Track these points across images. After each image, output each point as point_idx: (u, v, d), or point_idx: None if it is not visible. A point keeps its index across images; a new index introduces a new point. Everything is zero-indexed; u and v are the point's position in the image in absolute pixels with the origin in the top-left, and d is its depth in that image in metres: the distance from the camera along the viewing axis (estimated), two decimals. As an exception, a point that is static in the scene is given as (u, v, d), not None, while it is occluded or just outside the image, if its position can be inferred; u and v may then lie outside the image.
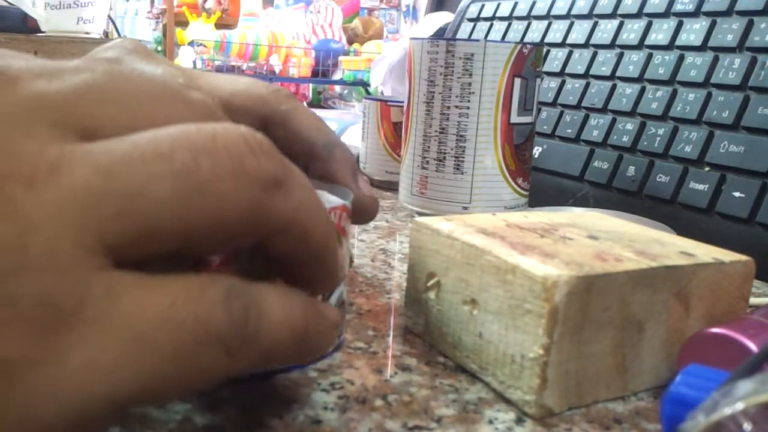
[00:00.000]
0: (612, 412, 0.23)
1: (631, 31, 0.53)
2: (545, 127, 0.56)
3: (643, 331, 0.24)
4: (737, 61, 0.44)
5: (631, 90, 0.50)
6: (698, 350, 0.23)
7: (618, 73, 0.52)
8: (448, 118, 0.43)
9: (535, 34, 0.62)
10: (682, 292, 0.24)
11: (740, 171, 0.41)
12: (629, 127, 0.49)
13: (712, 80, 0.45)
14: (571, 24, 0.59)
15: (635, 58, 0.51)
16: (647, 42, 0.51)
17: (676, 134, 0.46)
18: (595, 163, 0.50)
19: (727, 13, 0.47)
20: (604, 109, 0.52)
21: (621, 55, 0.53)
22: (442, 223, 0.27)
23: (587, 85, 0.54)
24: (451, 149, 0.44)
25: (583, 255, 0.24)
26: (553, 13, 0.61)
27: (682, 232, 0.33)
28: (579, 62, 0.56)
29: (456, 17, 0.76)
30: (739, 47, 0.45)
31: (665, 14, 0.51)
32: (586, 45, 0.56)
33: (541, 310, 0.21)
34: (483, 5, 0.71)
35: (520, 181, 0.45)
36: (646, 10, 0.52)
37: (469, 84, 0.43)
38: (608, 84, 0.53)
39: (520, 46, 0.43)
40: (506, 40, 0.66)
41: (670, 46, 0.49)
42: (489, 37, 0.69)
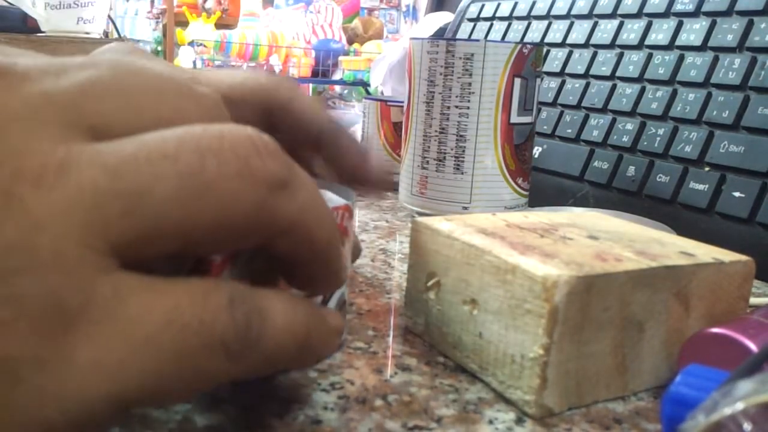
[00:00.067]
0: (612, 412, 0.23)
1: (631, 31, 0.53)
2: (545, 127, 0.56)
3: (643, 331, 0.24)
4: (737, 61, 0.44)
5: (631, 90, 0.50)
6: (698, 350, 0.23)
7: (618, 73, 0.52)
8: (448, 118, 0.43)
9: (535, 34, 0.62)
10: (682, 292, 0.24)
11: (740, 171, 0.41)
12: (629, 127, 0.49)
13: (712, 80, 0.45)
14: (571, 24, 0.59)
15: (635, 58, 0.51)
16: (647, 42, 0.51)
17: (676, 134, 0.46)
18: (595, 163, 0.50)
19: (727, 13, 0.47)
20: (604, 109, 0.52)
21: (621, 55, 0.53)
22: (442, 223, 0.27)
23: (587, 85, 0.54)
24: (451, 149, 0.44)
25: (583, 255, 0.24)
26: (553, 13, 0.61)
27: (682, 232, 0.33)
28: (579, 62, 0.56)
29: (456, 17, 0.76)
30: (739, 47, 0.45)
31: (665, 14, 0.51)
32: (586, 45, 0.56)
33: (541, 310, 0.21)
34: (483, 5, 0.71)
35: (520, 181, 0.45)
36: (646, 10, 0.52)
37: (469, 84, 0.43)
38: (608, 84, 0.53)
39: (520, 46, 0.43)
40: (506, 40, 0.66)
41: (670, 46, 0.49)
42: (489, 37, 0.68)
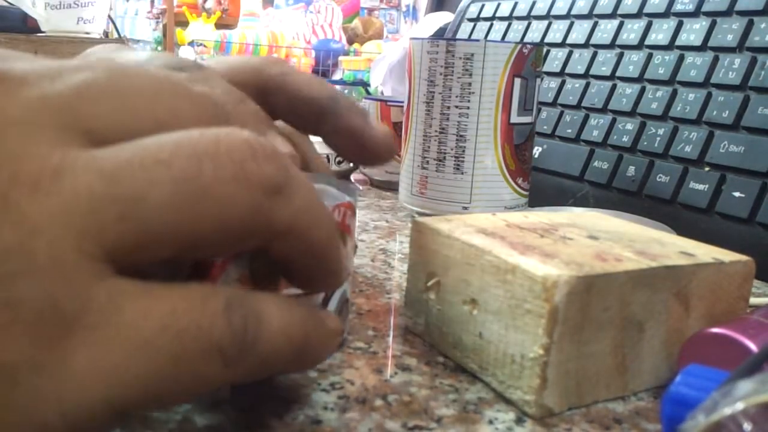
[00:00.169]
0: (612, 412, 0.23)
1: (631, 31, 0.53)
2: (545, 127, 0.56)
3: (643, 331, 0.24)
4: (737, 61, 0.44)
5: (631, 90, 0.50)
6: (698, 350, 0.23)
7: (618, 73, 0.52)
8: (448, 118, 0.43)
9: (535, 34, 0.62)
10: (682, 292, 0.24)
11: (740, 171, 0.41)
12: (629, 127, 0.49)
13: (712, 80, 0.45)
14: (571, 24, 0.59)
15: (635, 58, 0.51)
16: (647, 42, 0.51)
17: (676, 134, 0.46)
18: (595, 163, 0.50)
19: (727, 13, 0.47)
20: (604, 109, 0.52)
21: (621, 55, 0.53)
22: (442, 223, 0.27)
23: (587, 85, 0.54)
24: (451, 149, 0.44)
25: (583, 255, 0.24)
26: (553, 13, 0.61)
27: (682, 232, 0.33)
28: (579, 62, 0.56)
29: (456, 17, 0.76)
30: (739, 47, 0.45)
31: (665, 14, 0.51)
32: (586, 45, 0.56)
33: (541, 310, 0.21)
34: (483, 5, 0.71)
35: (520, 181, 0.45)
36: (646, 10, 0.52)
37: (469, 84, 0.43)
38: (608, 84, 0.53)
39: (520, 46, 0.43)
40: (506, 40, 0.66)
41: (670, 46, 0.49)
42: (489, 37, 0.68)
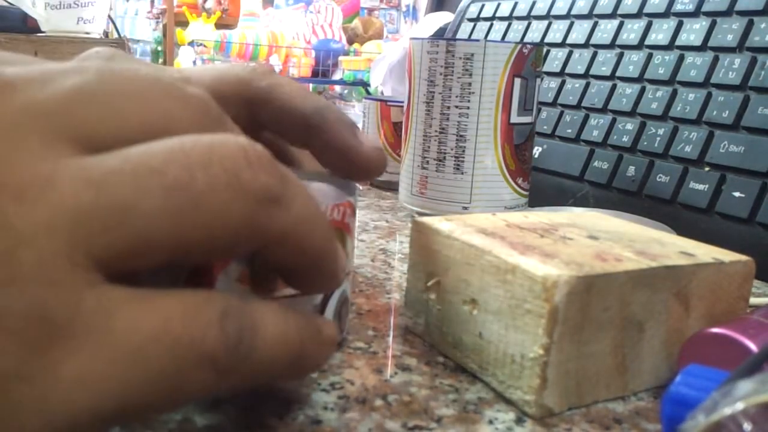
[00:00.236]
0: (612, 412, 0.23)
1: (631, 31, 0.53)
2: (545, 127, 0.56)
3: (643, 331, 0.24)
4: (737, 61, 0.44)
5: (631, 90, 0.50)
6: (698, 350, 0.23)
7: (618, 73, 0.52)
8: (448, 118, 0.43)
9: (535, 34, 0.62)
10: (682, 292, 0.24)
11: (740, 171, 0.41)
12: (629, 127, 0.49)
13: (712, 80, 0.45)
14: (571, 24, 0.59)
15: (635, 58, 0.51)
16: (647, 42, 0.51)
17: (676, 134, 0.46)
18: (595, 163, 0.50)
19: (727, 13, 0.47)
20: (604, 109, 0.52)
21: (621, 55, 0.53)
22: (442, 223, 0.27)
23: (587, 85, 0.54)
24: (451, 149, 0.44)
25: (583, 255, 0.24)
26: (553, 13, 0.61)
27: (682, 232, 0.33)
28: (579, 62, 0.56)
29: (456, 17, 0.76)
30: (739, 47, 0.45)
31: (665, 14, 0.51)
32: (586, 45, 0.56)
33: (541, 310, 0.21)
34: (483, 5, 0.71)
35: (520, 181, 0.45)
36: (646, 10, 0.52)
37: (469, 84, 0.43)
38: (608, 84, 0.53)
39: (520, 46, 0.43)
40: (506, 40, 0.66)
41: (670, 46, 0.49)
42: (489, 37, 0.68)
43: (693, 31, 0.48)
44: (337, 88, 3.06)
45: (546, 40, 0.61)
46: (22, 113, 0.15)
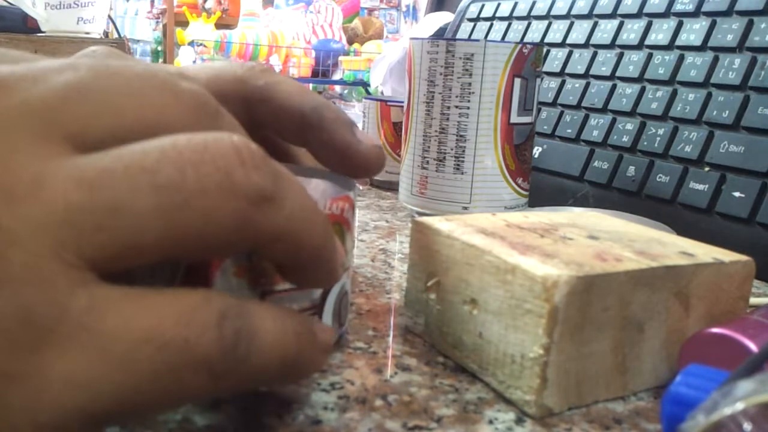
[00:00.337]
0: (612, 412, 0.23)
1: (631, 31, 0.53)
2: (545, 127, 0.56)
3: (643, 331, 0.24)
4: (737, 61, 0.44)
5: (631, 90, 0.50)
6: (698, 350, 0.23)
7: (618, 73, 0.52)
8: (448, 118, 0.43)
9: (535, 34, 0.62)
10: (682, 292, 0.24)
11: (740, 171, 0.41)
12: (629, 127, 0.49)
13: (712, 80, 0.45)
14: (571, 24, 0.59)
15: (635, 58, 0.51)
16: (647, 42, 0.51)
17: (676, 134, 0.46)
18: (595, 163, 0.50)
19: (727, 13, 0.47)
20: (604, 109, 0.52)
21: (621, 55, 0.53)
22: (442, 223, 0.27)
23: (587, 85, 0.54)
24: (451, 149, 0.44)
25: (583, 255, 0.24)
26: (553, 13, 0.61)
27: (682, 232, 0.33)
28: (579, 62, 0.56)
29: (456, 17, 0.76)
30: (739, 47, 0.45)
31: (665, 14, 0.51)
32: (586, 45, 0.56)
33: (541, 310, 0.21)
34: (483, 5, 0.71)
35: (520, 181, 0.45)
36: (646, 10, 0.52)
37: (469, 84, 0.43)
38: (608, 84, 0.53)
39: (520, 46, 0.43)
40: (506, 40, 0.66)
41: (670, 46, 0.49)
42: (489, 37, 0.68)
43: (693, 31, 0.48)
44: (337, 88, 3.06)
45: (546, 40, 0.61)
46: (14, 111, 0.15)
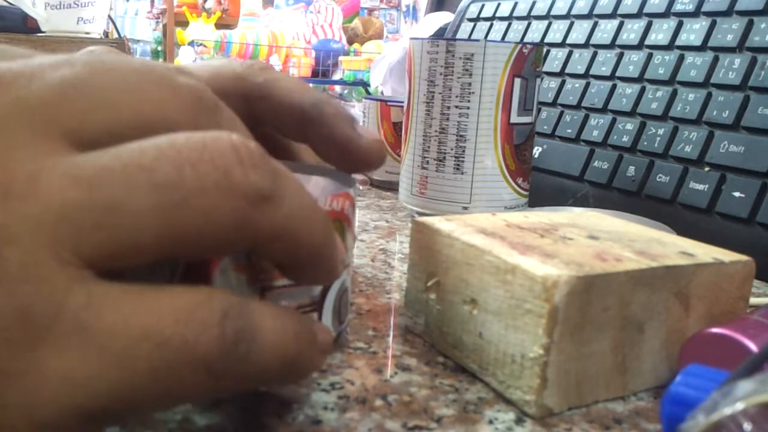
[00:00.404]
0: (612, 412, 0.23)
1: (631, 31, 0.53)
2: (545, 127, 0.56)
3: (643, 331, 0.24)
4: (737, 61, 0.44)
5: (631, 90, 0.50)
6: (698, 350, 0.23)
7: (618, 73, 0.52)
8: (448, 118, 0.43)
9: (535, 34, 0.62)
10: (682, 292, 0.24)
11: (740, 171, 0.41)
12: (629, 127, 0.49)
13: (712, 80, 0.45)
14: (571, 24, 0.59)
15: (635, 58, 0.51)
16: (647, 42, 0.51)
17: (676, 134, 0.46)
18: (595, 163, 0.50)
19: (727, 13, 0.47)
20: (604, 109, 0.52)
21: (621, 55, 0.53)
22: (442, 223, 0.27)
23: (587, 85, 0.54)
24: (451, 149, 0.44)
25: (583, 255, 0.24)
26: (553, 13, 0.61)
27: (682, 232, 0.33)
28: (579, 62, 0.56)
29: (456, 17, 0.76)
30: (739, 47, 0.45)
31: (665, 14, 0.51)
32: (586, 45, 0.56)
33: (541, 310, 0.21)
34: (483, 5, 0.71)
35: (520, 181, 0.45)
36: (646, 10, 0.52)
37: (469, 84, 0.43)
38: (608, 84, 0.53)
39: (520, 46, 0.43)
40: (506, 40, 0.66)
41: (670, 46, 0.49)
42: (489, 37, 0.68)
43: (693, 31, 0.48)
44: (337, 88, 3.05)
45: (546, 40, 0.61)
46: (10, 108, 0.15)
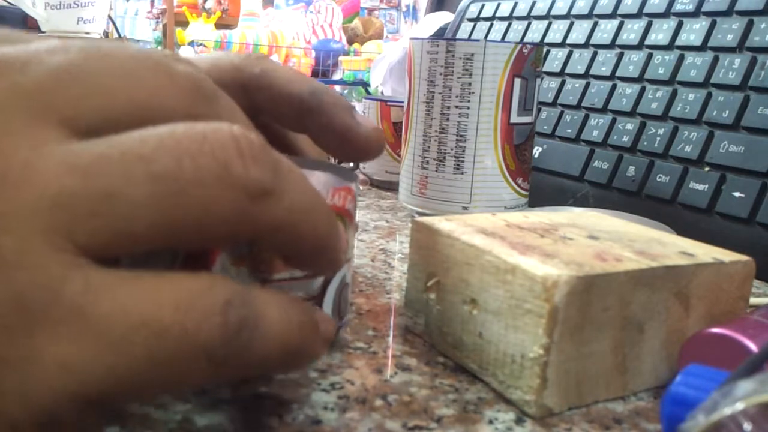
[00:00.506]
0: (612, 412, 0.23)
1: (631, 31, 0.53)
2: (545, 127, 0.56)
3: (643, 331, 0.24)
4: (737, 61, 0.44)
5: (631, 90, 0.50)
6: (698, 350, 0.23)
7: (618, 73, 0.52)
8: (448, 118, 0.43)
9: (535, 34, 0.62)
10: (682, 292, 0.24)
11: (740, 171, 0.41)
12: (629, 127, 0.49)
13: (712, 80, 0.45)
14: (571, 24, 0.59)
15: (635, 58, 0.51)
16: (647, 42, 0.51)
17: (676, 134, 0.46)
18: (595, 163, 0.50)
19: (727, 13, 0.47)
20: (604, 109, 0.52)
21: (621, 55, 0.53)
22: (442, 223, 0.27)
23: (587, 85, 0.54)
24: (451, 149, 0.44)
25: (583, 255, 0.24)
26: (553, 13, 0.61)
27: (682, 232, 0.33)
28: (579, 62, 0.56)
29: (456, 17, 0.76)
30: (739, 47, 0.45)
31: (665, 14, 0.51)
32: (586, 45, 0.56)
33: (541, 310, 0.21)
34: (483, 5, 0.71)
35: (520, 181, 0.45)
36: (646, 10, 0.52)
37: (469, 84, 0.43)
38: (608, 84, 0.53)
39: (520, 46, 0.43)
40: (506, 40, 0.66)
41: (670, 46, 0.49)
42: (489, 37, 0.68)
43: (693, 31, 0.48)
44: (337, 88, 3.05)
45: (546, 40, 0.61)
46: (6, 94, 0.15)
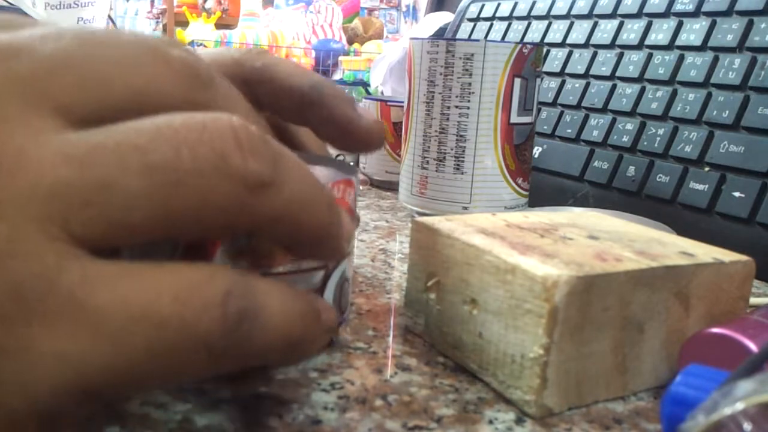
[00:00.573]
0: (612, 412, 0.23)
1: (631, 31, 0.53)
2: (545, 127, 0.56)
3: (643, 331, 0.24)
4: (737, 61, 0.44)
5: (631, 90, 0.50)
6: (698, 350, 0.23)
7: (618, 73, 0.52)
8: (448, 118, 0.43)
9: (535, 34, 0.62)
10: (682, 292, 0.24)
11: (740, 171, 0.41)
12: (629, 127, 0.49)
13: (712, 80, 0.45)
14: (571, 24, 0.59)
15: (635, 58, 0.51)
16: (647, 42, 0.51)
17: (676, 134, 0.46)
18: (595, 163, 0.50)
19: (727, 13, 0.47)
20: (604, 109, 0.52)
21: (621, 55, 0.53)
22: (442, 223, 0.27)
23: (587, 85, 0.54)
24: (451, 149, 0.44)
25: (583, 255, 0.24)
26: (553, 13, 0.61)
27: (682, 232, 0.33)
28: (579, 62, 0.56)
29: (456, 17, 0.76)
30: (739, 47, 0.45)
31: (665, 14, 0.51)
32: (586, 45, 0.56)
33: (541, 310, 0.21)
34: (483, 5, 0.71)
35: (520, 181, 0.45)
36: (646, 10, 0.52)
37: (469, 84, 0.43)
38: (608, 84, 0.53)
39: (520, 46, 0.43)
40: (506, 40, 0.66)
41: (670, 46, 0.49)
42: (489, 37, 0.68)
43: (693, 31, 0.48)
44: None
45: (546, 40, 0.61)
46: (0, 81, 0.15)
